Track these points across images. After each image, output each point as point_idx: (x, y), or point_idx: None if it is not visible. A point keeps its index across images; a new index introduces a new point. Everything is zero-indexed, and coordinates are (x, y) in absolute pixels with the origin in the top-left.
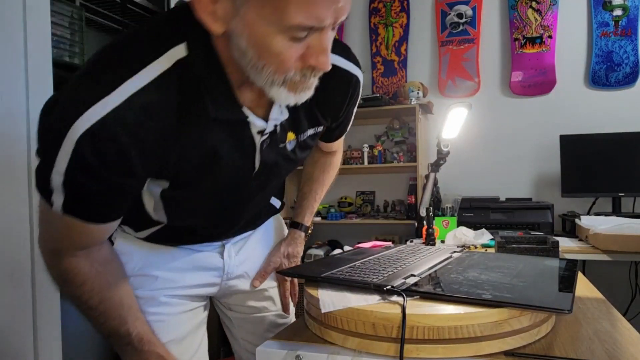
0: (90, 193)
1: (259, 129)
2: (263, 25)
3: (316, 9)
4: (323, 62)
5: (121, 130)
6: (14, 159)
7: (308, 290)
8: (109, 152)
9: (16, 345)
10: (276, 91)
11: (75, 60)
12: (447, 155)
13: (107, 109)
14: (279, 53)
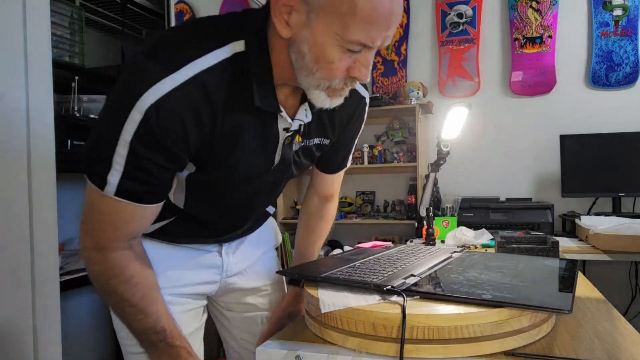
0: (148, 167)
1: (286, 125)
2: (327, 37)
3: (373, 32)
4: (364, 75)
5: (185, 104)
6: (14, 158)
7: (308, 290)
8: (172, 123)
9: (16, 345)
10: (317, 94)
11: (75, 60)
12: (447, 155)
13: (175, 84)
14: (332, 61)
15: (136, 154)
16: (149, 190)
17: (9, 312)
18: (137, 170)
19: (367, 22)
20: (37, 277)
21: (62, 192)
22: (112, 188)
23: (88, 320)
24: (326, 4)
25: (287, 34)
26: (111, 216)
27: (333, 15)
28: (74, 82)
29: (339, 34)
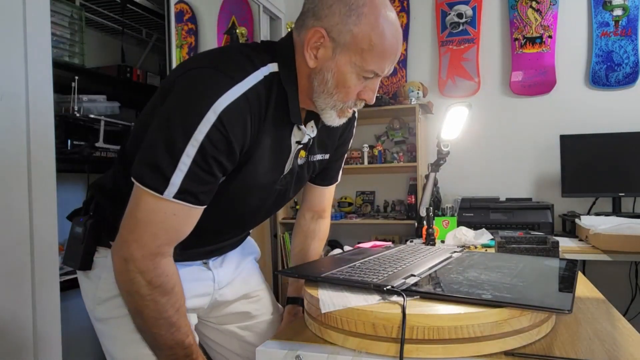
0: (211, 167)
1: (298, 139)
2: (348, 67)
3: (384, 63)
4: (371, 98)
5: (248, 109)
6: (15, 158)
7: (308, 290)
8: (239, 124)
9: (16, 345)
10: (330, 114)
11: (75, 60)
12: (447, 155)
13: (241, 92)
14: (349, 86)
15: (204, 153)
16: (206, 191)
17: (9, 312)
18: (201, 170)
19: (381, 56)
20: (37, 277)
21: (62, 192)
22: (175, 188)
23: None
24: (350, 43)
25: (314, 64)
26: (166, 220)
27: (355, 51)
28: (74, 82)
29: (358, 65)
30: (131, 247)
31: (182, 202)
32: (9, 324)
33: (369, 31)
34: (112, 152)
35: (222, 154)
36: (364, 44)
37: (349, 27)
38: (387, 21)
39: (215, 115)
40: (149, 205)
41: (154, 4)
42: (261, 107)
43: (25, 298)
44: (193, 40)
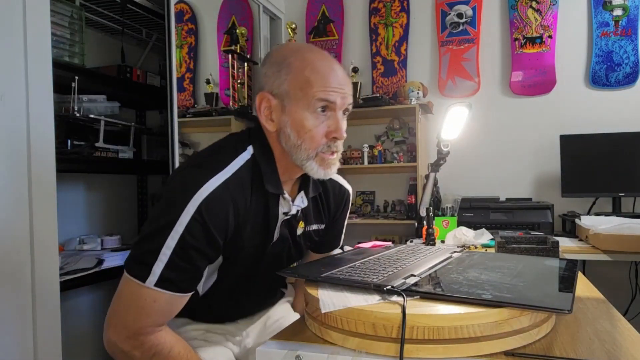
0: (192, 256)
1: (285, 210)
2: (300, 112)
3: (328, 89)
4: (340, 133)
5: (229, 196)
6: (14, 158)
7: (308, 290)
8: (220, 212)
9: (16, 345)
10: (310, 165)
11: (75, 60)
12: (447, 155)
13: (220, 182)
14: (310, 129)
15: (183, 244)
16: (187, 279)
17: (9, 312)
18: (181, 260)
19: (321, 82)
20: (37, 277)
21: (62, 192)
22: (155, 277)
23: (88, 320)
24: (290, 90)
25: (274, 127)
26: (147, 306)
27: (297, 93)
28: (74, 82)
29: (306, 103)
30: (113, 330)
31: (163, 290)
32: (9, 324)
33: (301, 70)
34: (112, 152)
35: (202, 244)
36: (301, 82)
37: (283, 79)
38: (313, 54)
39: (194, 208)
40: (131, 291)
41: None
42: (244, 189)
43: (25, 298)
44: (193, 40)
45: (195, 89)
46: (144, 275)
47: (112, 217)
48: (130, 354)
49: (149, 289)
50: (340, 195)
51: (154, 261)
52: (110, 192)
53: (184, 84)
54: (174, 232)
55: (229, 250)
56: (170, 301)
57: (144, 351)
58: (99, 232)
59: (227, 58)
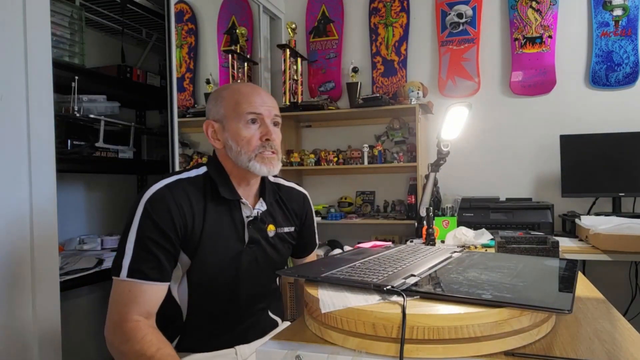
0: (150, 246)
1: (247, 213)
2: (235, 125)
3: (252, 103)
4: (270, 135)
5: (170, 196)
6: (14, 158)
7: (308, 290)
8: (162, 209)
9: (16, 345)
10: (253, 165)
11: (75, 60)
12: (447, 155)
13: (162, 184)
14: (245, 136)
15: (140, 237)
16: (152, 267)
17: (9, 312)
18: (142, 250)
19: (247, 101)
20: (37, 277)
21: (62, 192)
22: (125, 270)
23: (88, 320)
24: (225, 112)
25: (220, 144)
26: (124, 297)
27: (231, 113)
28: (74, 82)
29: (239, 118)
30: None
31: (134, 280)
32: (9, 324)
33: (230, 97)
34: (112, 152)
35: (154, 235)
36: (232, 104)
37: (219, 107)
38: (239, 86)
39: (142, 206)
40: (113, 289)
41: (154, 4)
42: (188, 192)
43: (25, 298)
44: (193, 40)
45: (195, 89)
46: (118, 272)
47: (112, 217)
48: (120, 349)
49: (123, 281)
50: (298, 198)
51: (122, 257)
52: (110, 192)
53: (184, 84)
54: (132, 230)
55: (191, 249)
56: (143, 289)
57: (120, 338)
58: (99, 232)
59: (227, 58)
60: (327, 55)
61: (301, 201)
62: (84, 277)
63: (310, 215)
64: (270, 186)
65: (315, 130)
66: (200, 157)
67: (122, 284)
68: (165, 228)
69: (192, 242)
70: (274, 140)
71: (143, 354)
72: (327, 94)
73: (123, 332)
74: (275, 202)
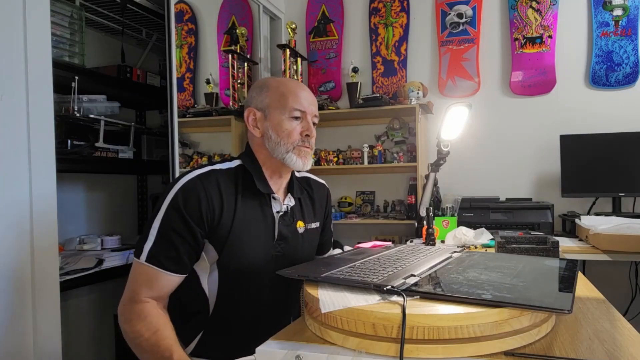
0: (173, 237)
1: (277, 209)
2: (278, 116)
3: (300, 100)
4: (311, 131)
5: (201, 187)
6: (14, 158)
7: (308, 290)
8: (191, 198)
9: (16, 345)
10: (290, 157)
11: (75, 60)
12: (447, 155)
13: (194, 175)
14: (287, 129)
15: (165, 226)
16: (170, 257)
17: (9, 312)
18: (163, 239)
19: (293, 95)
20: (37, 277)
21: (62, 192)
22: (145, 254)
23: (88, 320)
24: (270, 103)
25: (259, 133)
26: (138, 276)
27: (276, 105)
28: (74, 82)
29: (284, 110)
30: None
31: (150, 265)
32: (9, 325)
33: (277, 88)
34: (112, 152)
35: (178, 226)
36: (278, 96)
37: (264, 96)
38: (285, 79)
39: (172, 195)
40: (132, 269)
41: (154, 4)
42: (220, 184)
43: (25, 298)
44: (193, 40)
45: (195, 89)
46: (139, 254)
47: (112, 217)
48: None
49: (141, 264)
50: (322, 191)
51: (145, 241)
52: (110, 192)
53: (184, 84)
54: (158, 216)
55: (220, 242)
56: (156, 276)
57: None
58: (99, 232)
59: (227, 58)
60: (327, 55)
61: (324, 193)
62: (84, 277)
63: (329, 210)
64: (297, 182)
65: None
66: (200, 157)
67: (140, 266)
68: (190, 220)
69: (221, 234)
70: (312, 137)
71: (141, 335)
72: (327, 94)
73: (130, 311)
74: (302, 198)
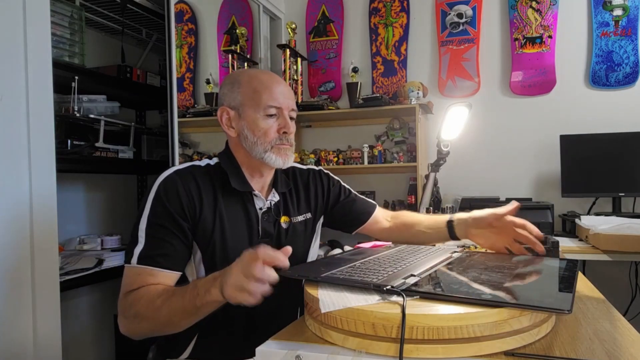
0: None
1: (260, 205)
2: (253, 114)
3: (274, 96)
4: (288, 127)
5: (180, 181)
6: (14, 158)
7: (308, 290)
8: (171, 192)
9: (16, 345)
10: (269, 156)
11: (75, 60)
12: (447, 155)
13: (172, 171)
14: (263, 128)
15: (152, 224)
16: (163, 254)
17: (9, 312)
18: (153, 238)
19: (267, 91)
20: (37, 277)
21: (62, 192)
22: (135, 257)
23: (88, 320)
24: (243, 100)
25: (235, 132)
26: (132, 279)
27: (249, 102)
28: (74, 82)
29: (258, 108)
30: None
31: (142, 266)
32: (9, 325)
33: (248, 83)
34: (112, 152)
35: (165, 221)
36: (251, 93)
37: (236, 93)
38: (257, 71)
39: (153, 192)
40: (124, 275)
41: (154, 4)
42: (198, 181)
43: (25, 298)
44: (193, 40)
45: (195, 89)
46: (129, 259)
47: (112, 217)
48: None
49: (133, 267)
50: (311, 177)
51: (134, 245)
52: (110, 192)
53: (184, 84)
54: (143, 216)
55: (203, 240)
56: (152, 275)
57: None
58: (99, 232)
59: (227, 58)
60: (327, 55)
61: (315, 177)
62: (84, 277)
63: (338, 188)
64: (283, 176)
65: (315, 130)
66: (200, 157)
67: (131, 270)
68: (175, 214)
69: (204, 230)
70: (291, 134)
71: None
72: (327, 94)
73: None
74: (288, 192)
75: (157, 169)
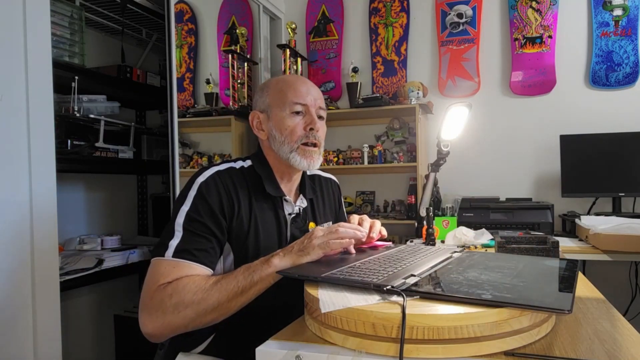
0: (199, 229)
1: (289, 211)
2: (280, 113)
3: (300, 93)
4: (314, 124)
5: (220, 181)
6: (14, 158)
7: (308, 290)
8: (213, 190)
9: (16, 345)
10: (294, 157)
11: (75, 60)
12: (447, 155)
13: (215, 171)
14: (289, 125)
15: (191, 219)
16: (201, 249)
17: (9, 312)
18: (190, 233)
19: (293, 89)
20: (37, 277)
21: (62, 192)
22: (171, 250)
23: (88, 320)
24: (271, 102)
25: (264, 135)
26: (169, 270)
27: (276, 101)
28: (74, 82)
29: (284, 107)
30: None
31: (178, 260)
32: (9, 324)
33: (276, 85)
34: (112, 152)
35: (203, 217)
36: (277, 93)
37: (265, 97)
38: (285, 76)
39: (195, 190)
40: (153, 267)
41: (154, 4)
42: (235, 183)
43: (25, 298)
44: (193, 40)
45: (195, 89)
46: (163, 251)
47: (112, 217)
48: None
49: (167, 260)
50: (332, 186)
51: (170, 239)
52: (110, 192)
53: (184, 84)
54: (182, 212)
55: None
56: (190, 267)
57: (168, 293)
58: (99, 232)
59: (227, 58)
60: (327, 55)
61: (336, 189)
62: (84, 277)
63: (341, 203)
64: (309, 182)
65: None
66: (200, 157)
67: (166, 263)
68: (215, 210)
69: (239, 234)
70: (318, 131)
71: (203, 286)
72: (327, 94)
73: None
74: (314, 198)
75: (157, 169)
